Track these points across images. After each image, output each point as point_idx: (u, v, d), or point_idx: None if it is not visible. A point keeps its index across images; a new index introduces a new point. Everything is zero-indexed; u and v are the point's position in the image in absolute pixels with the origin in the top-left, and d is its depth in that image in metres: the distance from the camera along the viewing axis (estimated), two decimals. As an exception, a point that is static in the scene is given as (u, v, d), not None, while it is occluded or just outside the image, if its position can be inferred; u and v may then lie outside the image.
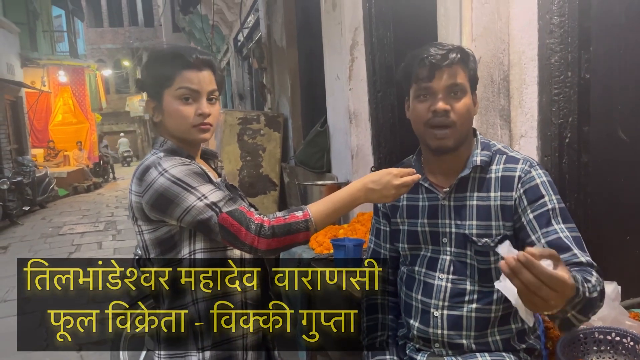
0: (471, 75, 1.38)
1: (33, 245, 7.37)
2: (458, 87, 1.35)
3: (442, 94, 1.35)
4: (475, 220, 1.38)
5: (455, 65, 1.34)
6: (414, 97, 1.40)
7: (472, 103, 1.39)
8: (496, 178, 1.38)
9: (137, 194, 1.29)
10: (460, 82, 1.35)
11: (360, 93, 3.51)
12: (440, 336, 1.41)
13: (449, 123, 1.35)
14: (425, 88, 1.36)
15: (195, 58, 1.31)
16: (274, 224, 1.21)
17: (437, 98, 1.35)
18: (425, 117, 1.37)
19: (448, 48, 1.35)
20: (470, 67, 1.38)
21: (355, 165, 3.58)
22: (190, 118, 1.33)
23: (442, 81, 1.34)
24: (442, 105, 1.34)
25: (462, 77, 1.36)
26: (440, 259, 1.43)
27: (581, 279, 1.11)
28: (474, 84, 1.41)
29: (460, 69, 1.35)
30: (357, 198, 1.29)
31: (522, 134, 1.91)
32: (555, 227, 1.30)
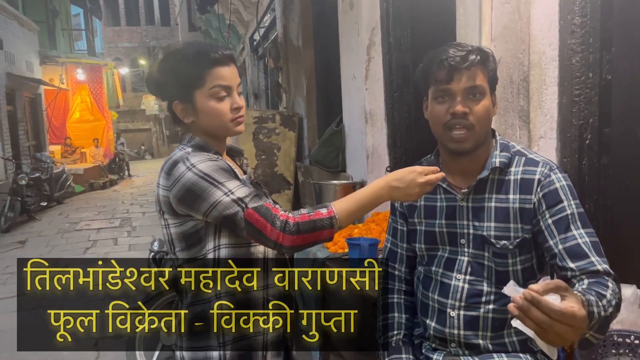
0: (490, 77, 1.38)
1: (50, 240, 7.47)
2: (477, 89, 1.34)
3: (461, 96, 1.34)
4: (493, 222, 1.38)
5: (474, 67, 1.34)
6: (432, 99, 1.40)
7: (491, 104, 1.39)
8: (515, 180, 1.37)
9: (164, 187, 1.31)
10: (480, 84, 1.35)
11: (376, 93, 3.51)
12: (457, 336, 1.41)
13: (468, 125, 1.35)
14: (443, 90, 1.36)
15: (221, 54, 1.32)
16: (298, 221, 1.22)
17: (456, 100, 1.34)
18: (444, 119, 1.37)
19: (467, 49, 1.35)
20: (489, 68, 1.37)
21: (371, 165, 3.58)
22: (228, 114, 1.35)
23: (461, 83, 1.34)
24: (461, 107, 1.34)
25: (481, 78, 1.35)
26: (458, 260, 1.43)
27: (595, 299, 1.09)
28: (494, 84, 1.40)
29: (479, 70, 1.35)
30: (380, 196, 1.29)
31: (541, 135, 1.90)
32: (574, 233, 1.29)
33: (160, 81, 1.38)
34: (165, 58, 1.37)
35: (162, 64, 1.37)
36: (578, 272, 1.26)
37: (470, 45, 1.37)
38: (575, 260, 1.28)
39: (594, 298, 1.08)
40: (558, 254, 1.29)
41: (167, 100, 1.40)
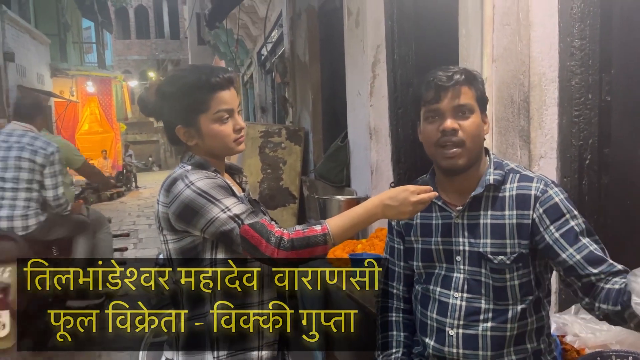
0: (478, 96, 1.42)
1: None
2: (465, 107, 1.38)
3: (450, 114, 1.38)
4: (489, 239, 1.40)
5: (460, 85, 1.38)
6: (423, 119, 1.44)
7: (481, 122, 1.42)
8: (510, 196, 1.40)
9: (164, 204, 1.34)
10: (467, 102, 1.39)
11: (381, 109, 3.55)
12: (456, 355, 1.42)
13: (458, 142, 1.38)
14: (433, 109, 1.40)
15: (222, 78, 1.37)
16: (293, 237, 1.25)
17: (445, 118, 1.38)
18: (435, 137, 1.40)
19: (453, 70, 1.39)
20: (476, 87, 1.41)
21: (375, 181, 3.61)
22: (231, 135, 1.40)
23: (448, 101, 1.37)
24: (450, 123, 1.37)
25: (468, 97, 1.39)
26: (455, 277, 1.45)
27: None
28: (483, 104, 1.44)
29: (466, 89, 1.39)
30: (374, 214, 1.32)
31: (541, 155, 1.93)
32: (584, 242, 1.32)
33: (160, 106, 1.41)
34: (165, 83, 1.41)
35: (162, 88, 1.40)
36: (603, 276, 1.29)
37: (456, 67, 1.42)
38: (597, 265, 1.30)
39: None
40: (576, 264, 1.31)
41: (165, 123, 1.43)
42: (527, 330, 1.42)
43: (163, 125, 1.43)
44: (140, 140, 27.59)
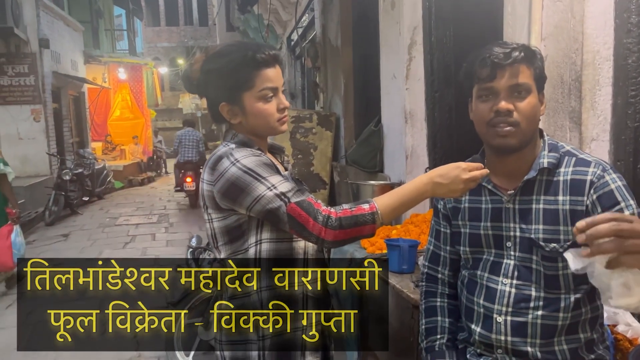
0: (537, 75, 1.34)
1: (92, 234, 7.70)
2: (521, 86, 1.31)
3: (505, 94, 1.31)
4: (541, 225, 1.33)
5: (518, 64, 1.30)
6: (476, 97, 1.37)
7: (538, 103, 1.34)
8: (565, 181, 1.33)
9: (209, 182, 1.33)
10: (524, 81, 1.31)
11: (417, 93, 3.48)
12: (504, 342, 1.37)
13: (512, 122, 1.31)
14: (487, 88, 1.33)
15: (267, 55, 1.33)
16: (341, 216, 1.22)
17: (500, 97, 1.31)
18: (488, 117, 1.34)
19: (512, 47, 1.31)
20: (535, 65, 1.33)
21: (410, 166, 3.54)
22: (275, 114, 1.37)
23: (505, 80, 1.30)
24: (505, 104, 1.30)
25: (526, 76, 1.31)
26: (504, 263, 1.39)
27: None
28: (541, 83, 1.36)
29: (524, 67, 1.31)
30: (423, 192, 1.27)
31: (593, 137, 1.84)
32: None
33: (205, 82, 1.39)
34: (210, 59, 1.37)
35: (207, 65, 1.37)
36: None
37: (515, 43, 1.34)
38: None
39: None
40: None
41: (209, 99, 1.41)
42: (581, 320, 1.36)
43: (207, 102, 1.41)
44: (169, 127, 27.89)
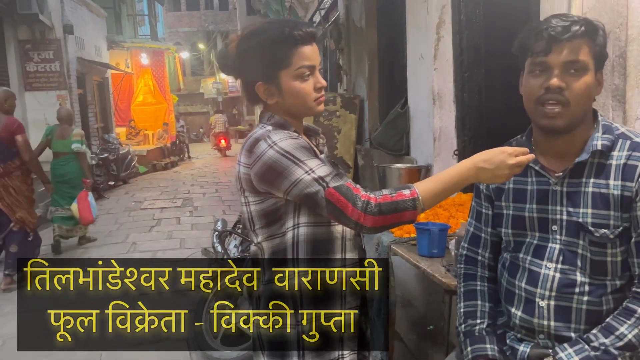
0: (597, 52, 1.26)
1: (118, 218, 7.82)
2: (578, 63, 1.24)
3: (559, 70, 1.24)
4: (590, 209, 1.28)
5: (577, 39, 1.23)
6: (528, 72, 1.31)
7: (594, 83, 1.28)
8: (617, 165, 1.27)
9: (245, 165, 1.30)
10: (582, 58, 1.24)
11: (445, 73, 3.40)
12: (547, 327, 1.33)
13: (563, 101, 1.25)
14: (540, 63, 1.27)
15: (304, 32, 1.29)
16: (380, 202, 1.19)
17: (553, 74, 1.25)
18: (537, 93, 1.28)
19: (572, 20, 1.24)
20: (597, 42, 1.26)
21: (437, 149, 3.48)
22: (312, 94, 1.34)
23: (561, 56, 1.24)
24: (557, 81, 1.24)
25: (584, 53, 1.24)
26: (549, 247, 1.35)
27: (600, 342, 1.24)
28: (601, 61, 1.29)
29: (583, 43, 1.24)
30: (467, 177, 1.23)
31: (638, 116, 1.76)
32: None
33: (240, 62, 1.36)
34: (246, 38, 1.34)
35: (243, 43, 1.34)
36: (636, 271, 1.27)
37: (576, 16, 1.27)
38: (638, 257, 1.26)
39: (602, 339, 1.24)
40: (632, 247, 1.26)
41: (244, 80, 1.38)
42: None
43: (242, 83, 1.38)
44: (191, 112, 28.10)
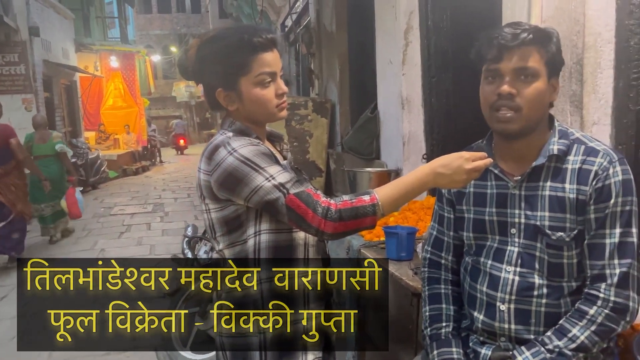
0: (549, 58, 1.29)
1: (87, 224, 7.64)
2: (528, 70, 1.27)
3: (510, 77, 1.27)
4: (547, 212, 1.31)
5: (526, 46, 1.26)
6: (483, 78, 1.34)
7: (547, 88, 1.30)
8: (573, 170, 1.30)
9: (205, 172, 1.29)
10: (532, 65, 1.27)
11: (413, 78, 3.43)
12: (507, 330, 1.36)
13: (514, 107, 1.28)
14: (493, 70, 1.30)
15: (265, 38, 1.29)
16: (340, 208, 1.19)
17: (504, 80, 1.28)
18: (491, 99, 1.31)
19: (523, 28, 1.27)
20: (548, 49, 1.29)
21: (407, 153, 3.51)
22: (273, 100, 1.33)
23: (511, 63, 1.27)
24: (507, 88, 1.27)
25: (534, 60, 1.27)
26: (508, 250, 1.37)
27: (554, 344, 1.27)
28: (554, 67, 1.32)
29: (533, 50, 1.27)
30: (426, 182, 1.25)
31: (594, 121, 1.81)
32: (606, 231, 1.27)
33: (201, 68, 1.35)
34: (206, 44, 1.33)
35: (203, 49, 1.33)
36: (589, 273, 1.30)
37: (528, 25, 1.30)
38: (592, 259, 1.29)
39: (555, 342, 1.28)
40: (585, 249, 1.29)
41: (205, 86, 1.37)
42: None
43: (203, 88, 1.37)
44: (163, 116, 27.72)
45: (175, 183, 12.13)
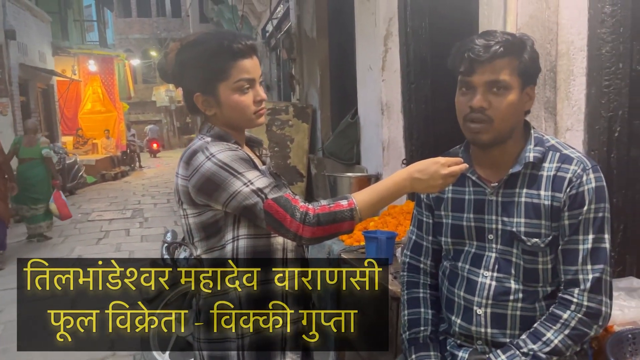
0: (522, 68, 1.29)
1: (64, 230, 7.51)
2: (500, 83, 1.27)
3: (482, 89, 1.28)
4: (523, 218, 1.33)
5: (498, 59, 1.26)
6: (458, 88, 1.36)
7: (519, 99, 1.31)
8: (548, 177, 1.32)
9: (183, 177, 1.29)
10: (503, 78, 1.27)
11: (393, 84, 3.47)
12: (484, 334, 1.38)
13: (485, 119, 1.29)
14: (466, 82, 1.31)
15: (244, 45, 1.29)
16: (319, 212, 1.20)
17: (476, 94, 1.29)
18: (464, 111, 1.32)
19: (494, 39, 1.27)
20: (521, 58, 1.29)
21: (386, 158, 3.54)
22: (252, 107, 1.33)
23: (483, 77, 1.27)
24: (479, 102, 1.28)
25: (506, 72, 1.27)
26: (485, 256, 1.39)
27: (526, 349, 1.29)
28: (527, 76, 1.32)
29: (505, 63, 1.27)
30: (402, 187, 1.26)
31: (568, 127, 1.86)
32: (579, 237, 1.29)
33: (180, 72, 1.34)
34: (186, 48, 1.33)
35: (182, 54, 1.33)
36: (563, 278, 1.32)
37: (500, 35, 1.29)
38: (565, 264, 1.31)
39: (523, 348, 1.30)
40: (559, 254, 1.32)
41: (184, 90, 1.37)
42: None
43: (182, 92, 1.37)
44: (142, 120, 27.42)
45: (155, 188, 12.00)
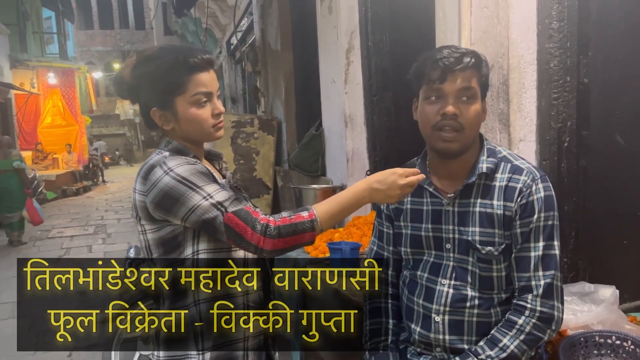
0: (482, 82, 1.37)
1: (22, 248, 7.27)
2: (470, 91, 1.34)
3: (453, 98, 1.33)
4: (478, 227, 1.38)
5: (469, 69, 1.33)
6: (423, 99, 1.39)
7: (481, 109, 1.38)
8: (500, 187, 1.37)
9: (141, 192, 1.27)
10: (473, 86, 1.34)
11: (355, 97, 3.51)
12: (442, 341, 1.41)
13: (457, 127, 1.34)
14: (436, 90, 1.34)
15: (200, 59, 1.29)
16: (279, 224, 1.20)
17: (448, 101, 1.33)
18: (434, 119, 1.35)
19: (462, 51, 1.34)
20: (482, 73, 1.36)
21: (351, 169, 3.57)
22: (209, 120, 1.33)
23: (455, 84, 1.32)
24: (452, 108, 1.33)
25: (474, 82, 1.34)
26: (444, 265, 1.42)
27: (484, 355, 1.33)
28: (485, 90, 1.40)
29: (473, 73, 1.34)
30: (362, 198, 1.28)
31: (521, 138, 1.92)
32: (531, 245, 1.34)
33: (136, 87, 1.34)
34: (141, 63, 1.32)
35: (138, 68, 1.32)
36: (516, 284, 1.37)
37: (465, 48, 1.37)
38: (518, 271, 1.36)
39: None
40: (512, 262, 1.36)
41: (141, 105, 1.36)
42: None
43: (139, 107, 1.35)
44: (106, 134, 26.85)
45: (119, 203, 11.73)
